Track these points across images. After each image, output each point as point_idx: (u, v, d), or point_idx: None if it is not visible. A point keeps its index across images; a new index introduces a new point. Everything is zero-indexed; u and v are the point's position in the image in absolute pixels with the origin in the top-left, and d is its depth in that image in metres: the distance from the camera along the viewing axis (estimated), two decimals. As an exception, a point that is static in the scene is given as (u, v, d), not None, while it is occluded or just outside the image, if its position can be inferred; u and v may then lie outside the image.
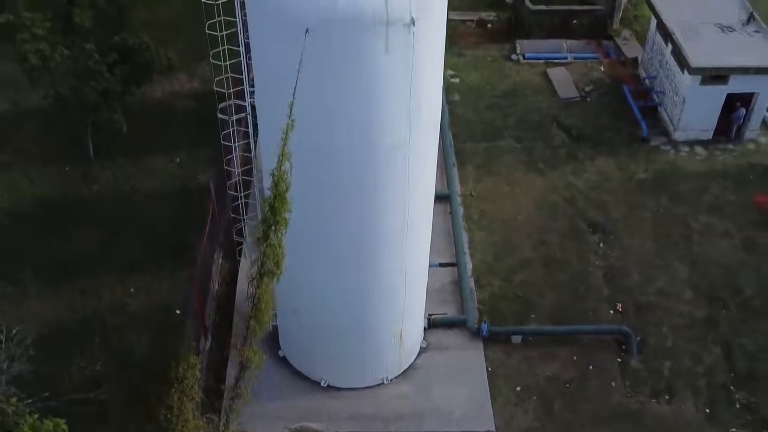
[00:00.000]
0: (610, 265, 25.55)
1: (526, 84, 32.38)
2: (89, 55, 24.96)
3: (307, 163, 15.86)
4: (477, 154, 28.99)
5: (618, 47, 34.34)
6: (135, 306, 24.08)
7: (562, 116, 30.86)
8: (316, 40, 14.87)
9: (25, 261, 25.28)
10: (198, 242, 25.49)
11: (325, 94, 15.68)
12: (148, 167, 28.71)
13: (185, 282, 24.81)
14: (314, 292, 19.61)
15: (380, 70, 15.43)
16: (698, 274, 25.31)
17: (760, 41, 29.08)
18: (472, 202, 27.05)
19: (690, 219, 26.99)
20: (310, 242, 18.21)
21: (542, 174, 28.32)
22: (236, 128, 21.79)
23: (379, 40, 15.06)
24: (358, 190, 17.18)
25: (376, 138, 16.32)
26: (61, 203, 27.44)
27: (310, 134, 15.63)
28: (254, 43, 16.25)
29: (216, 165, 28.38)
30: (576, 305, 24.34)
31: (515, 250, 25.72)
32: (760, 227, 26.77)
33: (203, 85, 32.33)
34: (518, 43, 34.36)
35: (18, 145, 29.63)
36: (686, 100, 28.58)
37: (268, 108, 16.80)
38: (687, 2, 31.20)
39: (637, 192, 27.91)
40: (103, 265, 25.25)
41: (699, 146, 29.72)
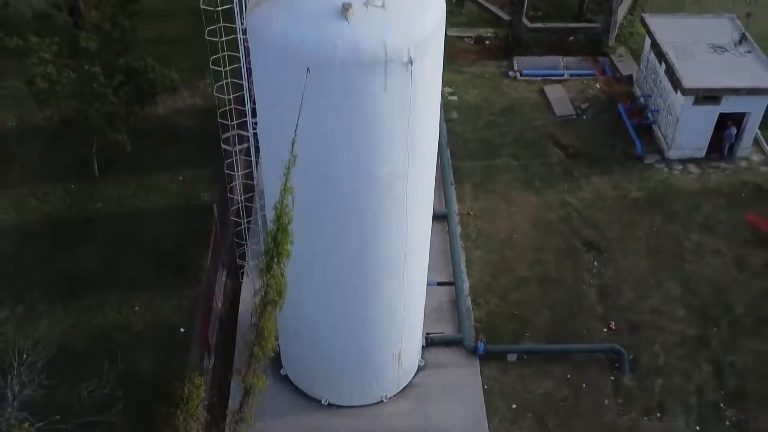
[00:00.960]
0: (604, 284, 26.13)
1: (523, 101, 32.99)
2: (95, 77, 25.64)
3: (307, 193, 16.43)
4: (475, 172, 29.59)
5: (614, 64, 34.95)
6: (140, 324, 24.64)
7: (559, 134, 31.49)
8: (317, 79, 15.47)
9: (33, 279, 25.86)
10: (202, 261, 26.21)
11: (326, 129, 16.26)
12: (152, 185, 29.29)
13: (189, 300, 25.45)
14: (315, 314, 20.22)
15: (379, 107, 16.03)
16: (690, 293, 25.91)
17: (751, 61, 29.69)
18: (469, 221, 27.65)
19: (683, 237, 27.59)
20: (312, 267, 18.80)
21: (538, 192, 28.92)
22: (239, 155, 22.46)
23: (378, 79, 15.65)
24: (358, 219, 17.77)
25: (374, 170, 16.90)
26: (67, 221, 27.99)
27: (311, 166, 16.20)
28: (257, 79, 16.84)
29: (219, 183, 29.08)
30: (570, 323, 24.93)
31: (512, 269, 26.31)
32: (751, 245, 27.35)
33: (205, 101, 32.99)
34: (516, 60, 34.98)
35: (25, 162, 30.23)
36: (679, 119, 29.17)
37: (270, 140, 17.39)
38: (680, 22, 31.88)
39: (632, 210, 28.49)
40: (109, 283, 25.80)
41: (692, 164, 30.31)
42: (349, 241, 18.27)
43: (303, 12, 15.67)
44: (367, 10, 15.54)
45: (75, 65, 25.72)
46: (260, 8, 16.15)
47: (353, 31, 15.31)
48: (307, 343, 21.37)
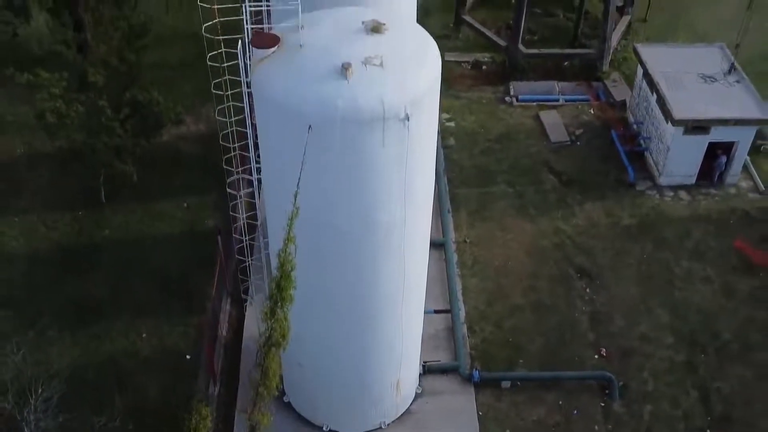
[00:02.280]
0: (595, 310, 26.99)
1: (519, 127, 33.83)
2: (102, 111, 26.46)
3: (309, 238, 17.24)
4: (471, 199, 30.43)
5: (607, 90, 35.75)
6: (147, 351, 25.52)
7: (553, 160, 32.32)
8: (318, 135, 16.33)
9: (43, 305, 26.79)
10: (207, 288, 27.07)
11: (327, 181, 17.12)
12: (157, 211, 30.13)
13: (195, 327, 26.31)
14: (317, 348, 21.07)
15: (377, 160, 16.89)
16: (679, 319, 26.76)
17: (740, 91, 30.55)
18: (466, 249, 28.51)
19: (672, 264, 28.44)
20: (313, 305, 19.63)
21: (533, 219, 29.76)
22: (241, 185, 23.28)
23: (377, 135, 16.50)
24: (358, 263, 18.64)
25: (373, 218, 17.76)
26: (75, 248, 28.88)
27: (313, 214, 17.05)
28: (261, 132, 17.69)
29: (222, 210, 29.90)
30: (563, 350, 25.78)
31: (506, 297, 27.15)
32: (738, 272, 28.19)
33: (208, 127, 33.79)
34: (512, 85, 35.76)
35: (34, 188, 31.08)
36: (670, 148, 30.02)
37: (274, 190, 18.24)
38: (671, 52, 32.75)
39: (623, 237, 29.33)
40: (116, 310, 26.68)
41: (683, 191, 31.13)
42: (349, 282, 19.13)
43: (305, 71, 16.55)
44: (366, 70, 16.42)
45: (83, 99, 26.51)
46: (264, 65, 16.99)
47: (353, 90, 16.17)
48: (309, 374, 22.24)
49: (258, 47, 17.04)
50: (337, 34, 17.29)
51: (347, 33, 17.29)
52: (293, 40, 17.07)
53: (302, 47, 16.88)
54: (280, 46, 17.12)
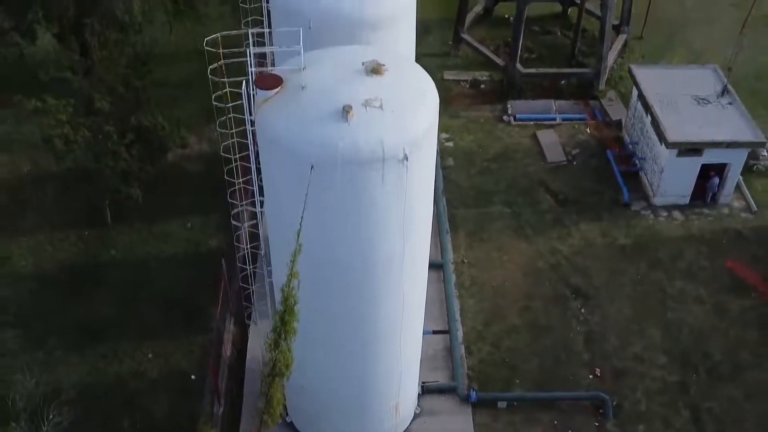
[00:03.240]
0: (590, 331, 27.62)
1: (516, 147, 34.47)
2: (109, 136, 27.07)
3: (311, 271, 17.85)
4: (469, 220, 31.08)
5: (603, 109, 36.39)
6: (154, 372, 26.13)
7: (550, 180, 32.95)
8: (320, 175, 16.95)
9: (51, 325, 27.48)
10: (210, 308, 27.72)
11: (328, 218, 17.73)
12: (162, 231, 30.78)
13: (199, 347, 26.95)
14: (319, 373, 21.68)
15: (377, 198, 17.50)
16: (672, 340, 27.39)
17: (732, 113, 31.20)
18: (464, 270, 29.14)
19: (666, 284, 29.08)
20: (315, 332, 20.22)
21: (529, 240, 30.39)
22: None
23: (376, 174, 17.12)
24: (358, 294, 19.27)
25: (373, 253, 18.40)
26: (82, 268, 29.52)
27: (314, 249, 17.63)
28: (264, 170, 18.32)
29: (225, 231, 30.51)
30: (558, 370, 26.41)
31: (503, 317, 27.79)
32: (730, 292, 28.84)
33: (211, 146, 34.43)
34: (510, 104, 36.40)
35: (40, 208, 31.75)
36: (664, 169, 30.65)
37: (277, 225, 18.87)
38: (666, 73, 33.47)
39: (618, 258, 29.98)
40: (122, 330, 27.32)
41: (677, 211, 31.78)
42: (350, 312, 19.75)
43: (307, 112, 17.16)
44: (366, 112, 17.05)
45: (89, 124, 27.10)
46: (267, 106, 17.60)
47: (353, 132, 16.79)
48: (311, 396, 22.85)
49: (262, 88, 17.70)
50: (338, 74, 17.91)
51: (348, 74, 17.92)
52: (296, 81, 17.70)
53: (304, 88, 17.52)
54: (283, 87, 17.75)
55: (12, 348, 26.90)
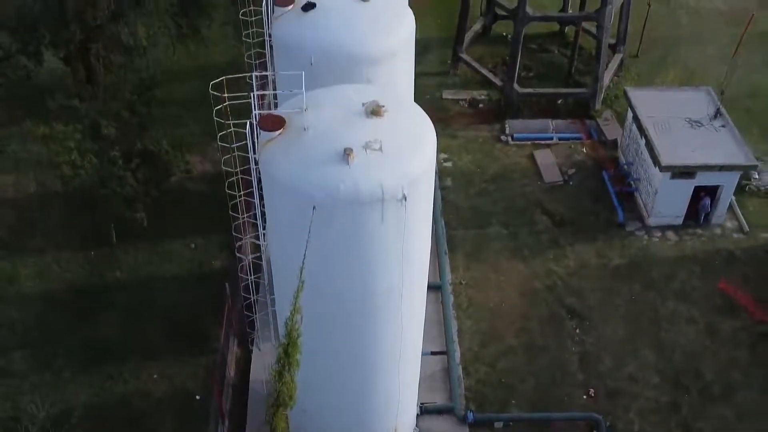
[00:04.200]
0: (585, 351, 28.28)
1: (513, 167, 35.11)
2: (114, 161, 27.72)
3: (314, 303, 18.53)
4: (467, 240, 31.73)
5: (599, 128, 37.00)
6: (159, 392, 26.83)
7: (546, 201, 33.58)
8: (322, 215, 17.60)
9: (58, 346, 28.17)
10: (214, 329, 28.36)
11: (330, 254, 18.37)
12: (166, 252, 31.46)
13: (204, 368, 27.59)
14: (320, 397, 22.31)
15: (376, 235, 18.15)
16: (664, 360, 28.05)
17: (724, 136, 31.86)
18: (461, 291, 29.78)
19: (659, 305, 29.73)
20: (317, 359, 20.88)
21: (526, 261, 31.04)
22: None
23: (376, 213, 17.76)
24: (359, 325, 19.94)
25: (373, 286, 19.05)
26: (88, 288, 30.23)
27: (317, 283, 18.32)
28: (268, 208, 18.98)
29: (228, 251, 31.11)
30: (553, 391, 27.07)
31: (500, 338, 28.44)
32: (722, 313, 29.50)
33: (214, 166, 34.98)
34: (507, 124, 37.01)
35: (46, 228, 32.42)
36: (658, 191, 31.29)
37: (281, 261, 19.54)
38: (660, 95, 34.10)
39: (613, 278, 30.63)
40: (128, 351, 28.01)
41: (670, 231, 32.42)
42: (351, 341, 20.43)
43: (309, 154, 17.80)
44: (366, 154, 17.69)
45: (96, 149, 27.74)
46: (271, 147, 18.25)
47: (354, 174, 17.43)
48: (312, 419, 23.48)
49: (265, 130, 18.34)
50: (339, 116, 18.55)
51: (348, 115, 18.56)
52: (298, 123, 18.36)
53: (306, 130, 18.18)
54: (285, 129, 18.41)
55: (20, 368, 27.59)
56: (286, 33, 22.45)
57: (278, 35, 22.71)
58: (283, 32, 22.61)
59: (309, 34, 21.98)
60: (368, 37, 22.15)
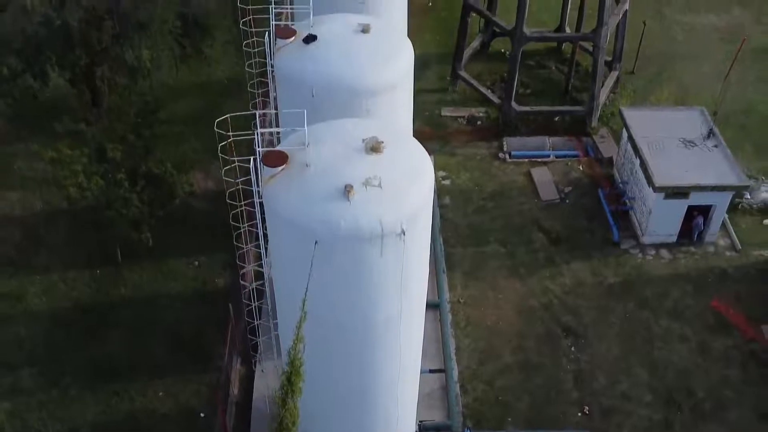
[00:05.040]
0: (579, 369, 28.95)
1: (511, 185, 35.76)
2: (120, 183, 28.37)
3: (316, 332, 19.19)
4: (465, 259, 32.39)
5: (596, 146, 37.63)
6: (164, 409, 27.50)
7: (543, 218, 34.25)
8: (323, 249, 18.23)
9: (65, 364, 28.80)
10: (218, 347, 29.02)
11: (330, 285, 18.97)
12: (170, 270, 32.11)
13: (208, 386, 28.25)
14: (320, 418, 22.96)
15: (375, 268, 18.75)
16: (657, 378, 28.70)
17: (717, 156, 32.52)
18: (459, 309, 30.44)
19: (652, 323, 30.39)
20: (318, 384, 21.54)
21: (522, 279, 31.70)
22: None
23: (375, 248, 18.38)
24: (359, 352, 20.55)
25: (373, 317, 19.66)
26: (94, 306, 30.86)
27: (318, 313, 18.91)
28: (272, 242, 19.59)
29: (231, 269, 31.76)
30: (548, 408, 27.73)
31: (497, 356, 29.11)
32: (713, 331, 30.15)
33: (217, 184, 35.61)
34: (505, 141, 37.68)
35: (52, 246, 33.03)
36: (652, 211, 31.94)
37: (284, 292, 20.17)
38: (654, 115, 34.72)
39: (607, 296, 31.31)
40: (134, 368, 28.65)
41: (664, 249, 33.06)
42: (351, 367, 21.04)
43: (311, 191, 18.39)
44: (366, 191, 18.31)
45: (103, 170, 28.38)
46: (274, 182, 18.86)
47: (354, 210, 18.03)
48: (313, 439, 24.28)
49: (269, 166, 18.97)
50: (340, 152, 19.12)
51: (349, 151, 19.12)
52: (300, 158, 18.98)
53: (308, 166, 18.80)
54: (288, 164, 19.04)
55: (28, 386, 28.27)
56: (288, 65, 23.05)
57: (280, 67, 23.32)
58: (285, 64, 23.22)
59: (310, 67, 22.59)
60: (368, 70, 22.74)
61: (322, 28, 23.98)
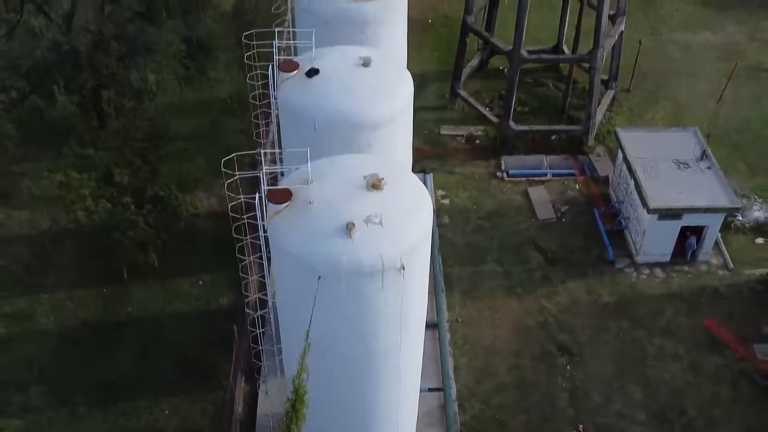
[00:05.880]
0: (574, 387, 29.66)
1: (508, 204, 36.48)
2: (127, 207, 29.12)
3: (317, 361, 19.92)
4: (463, 278, 33.10)
5: (592, 164, 38.34)
6: (170, 427, 28.22)
7: (539, 238, 34.97)
8: (326, 284, 18.98)
9: (74, 382, 29.52)
10: (222, 366, 29.74)
11: (332, 317, 19.74)
12: (175, 289, 32.82)
13: (212, 405, 28.97)
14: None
15: (376, 301, 19.53)
16: (650, 396, 29.42)
17: (710, 178, 33.25)
18: (458, 328, 31.16)
19: (646, 342, 31.10)
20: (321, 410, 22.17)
21: (519, 298, 32.42)
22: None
23: (376, 282, 19.13)
24: (359, 379, 21.35)
25: (373, 346, 20.45)
26: (101, 325, 31.59)
27: (320, 344, 19.67)
28: (277, 275, 20.35)
29: (235, 288, 32.45)
30: (544, 426, 28.45)
31: (494, 374, 29.83)
32: (705, 350, 30.86)
33: (220, 203, 36.34)
34: (503, 160, 38.40)
35: (60, 264, 33.79)
36: (646, 231, 32.68)
37: (289, 323, 20.97)
38: (649, 137, 35.47)
39: (602, 315, 32.03)
40: (140, 386, 29.38)
41: (658, 268, 33.78)
42: (352, 393, 21.83)
43: (315, 228, 19.16)
44: (367, 228, 19.06)
45: (110, 194, 29.15)
46: (279, 219, 19.61)
47: (356, 247, 18.80)
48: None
49: (274, 203, 19.70)
50: (342, 189, 19.88)
51: (350, 188, 19.88)
52: (303, 195, 19.71)
53: (311, 203, 19.53)
54: (292, 201, 19.78)
55: (38, 404, 29.02)
56: (292, 99, 23.81)
57: (283, 100, 24.06)
58: (288, 98, 23.97)
59: (313, 101, 23.36)
60: (369, 105, 23.49)
61: (323, 62, 24.75)
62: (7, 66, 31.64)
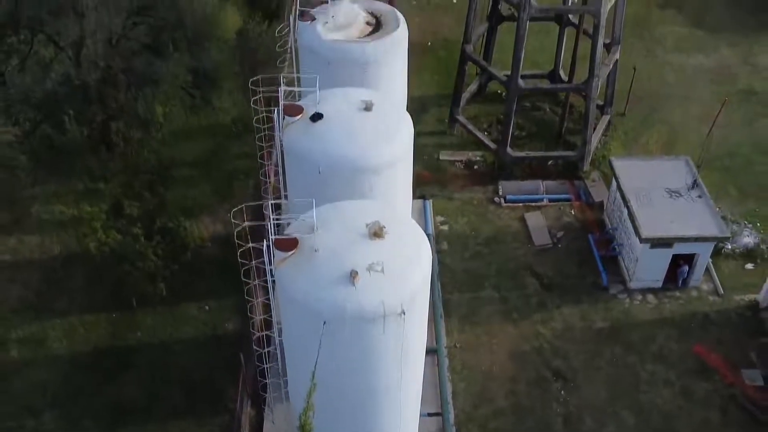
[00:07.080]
0: (568, 413, 30.62)
1: (506, 230, 37.49)
2: (137, 239, 30.13)
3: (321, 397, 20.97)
4: (461, 305, 34.08)
5: (587, 190, 39.35)
6: (180, 454, 29.36)
7: (536, 263, 35.95)
8: (331, 329, 20.04)
9: (85, 407, 30.51)
10: (229, 390, 30.74)
11: (336, 358, 20.84)
12: (182, 315, 33.77)
13: (219, 427, 29.99)
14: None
15: (378, 344, 20.65)
16: (643, 421, 30.38)
17: (701, 207, 34.22)
18: (456, 354, 32.15)
19: (638, 367, 32.09)
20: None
21: (516, 324, 33.40)
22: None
23: (378, 327, 20.23)
24: (362, 414, 22.54)
25: (374, 385, 21.59)
26: (111, 350, 32.55)
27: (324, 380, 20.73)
28: (284, 319, 21.40)
29: (240, 314, 33.47)
30: (539, 452, 29.64)
31: (491, 400, 30.81)
32: (696, 375, 31.82)
33: (225, 228, 37.26)
34: (500, 185, 39.39)
35: (71, 290, 34.74)
36: (639, 259, 33.69)
37: (295, 364, 22.04)
38: (642, 165, 36.41)
39: (596, 341, 32.98)
40: (149, 412, 30.35)
41: (650, 294, 34.77)
42: (355, 426, 22.91)
43: (320, 275, 20.26)
44: (370, 276, 20.11)
45: (120, 225, 30.15)
46: (285, 266, 20.69)
47: (359, 294, 19.91)
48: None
49: (281, 250, 20.72)
50: (345, 237, 21.00)
51: (353, 236, 21.01)
52: (309, 243, 20.75)
53: (316, 251, 20.56)
54: (298, 248, 20.81)
55: (50, 429, 30.00)
56: (297, 143, 24.87)
57: (288, 144, 25.11)
58: (292, 141, 25.02)
59: (317, 146, 24.42)
60: (370, 150, 24.56)
61: (327, 105, 25.78)
62: (19, 98, 32.61)
